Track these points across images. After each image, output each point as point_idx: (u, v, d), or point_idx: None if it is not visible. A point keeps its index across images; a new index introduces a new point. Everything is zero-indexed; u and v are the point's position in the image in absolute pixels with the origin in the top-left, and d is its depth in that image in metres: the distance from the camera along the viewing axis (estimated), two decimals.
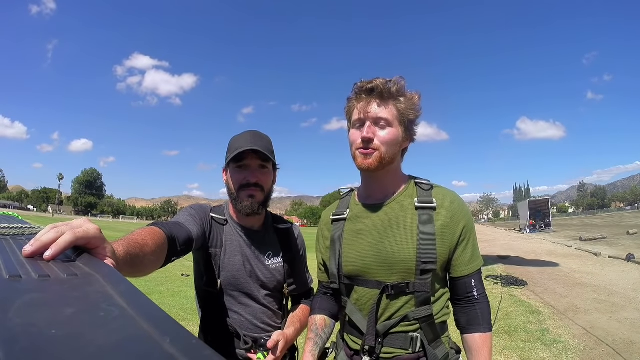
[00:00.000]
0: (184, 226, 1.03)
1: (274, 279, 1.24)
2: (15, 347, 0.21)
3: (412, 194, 1.06)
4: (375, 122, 1.01)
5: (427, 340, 0.97)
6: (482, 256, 1.08)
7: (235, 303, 1.19)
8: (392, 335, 1.00)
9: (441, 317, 1.03)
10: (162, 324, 0.26)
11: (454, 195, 1.06)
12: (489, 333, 1.01)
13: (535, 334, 4.12)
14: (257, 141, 1.18)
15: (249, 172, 1.18)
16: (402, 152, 1.10)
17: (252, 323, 1.20)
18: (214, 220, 1.21)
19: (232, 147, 1.19)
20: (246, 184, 1.18)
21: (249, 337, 1.16)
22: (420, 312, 0.98)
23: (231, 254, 1.19)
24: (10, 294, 0.31)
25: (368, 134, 0.99)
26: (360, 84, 1.03)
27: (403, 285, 0.98)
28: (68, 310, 0.28)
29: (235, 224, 1.24)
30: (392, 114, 1.01)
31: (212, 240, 1.18)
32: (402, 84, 1.02)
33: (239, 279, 1.18)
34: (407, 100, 1.02)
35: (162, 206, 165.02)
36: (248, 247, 1.22)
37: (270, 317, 1.24)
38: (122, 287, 0.34)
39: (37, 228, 0.60)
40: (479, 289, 1.04)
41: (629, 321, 4.58)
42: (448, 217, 1.01)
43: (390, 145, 1.01)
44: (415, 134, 1.07)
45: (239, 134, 1.24)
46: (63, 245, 0.46)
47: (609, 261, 9.55)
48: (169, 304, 5.21)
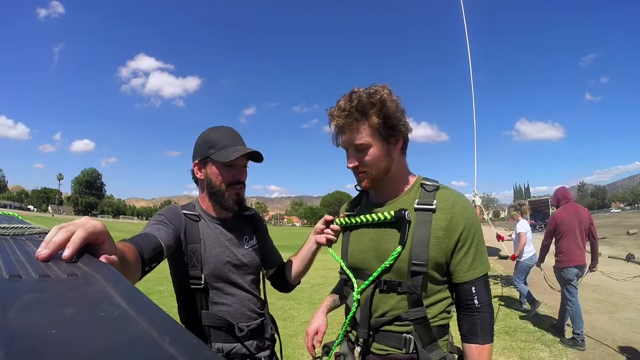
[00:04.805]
0: (151, 236, 1.02)
1: (255, 261, 1.30)
2: (15, 347, 0.21)
3: (415, 195, 1.06)
4: (356, 148, 1.02)
5: (421, 342, 0.97)
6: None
7: (222, 294, 1.20)
8: (385, 332, 1.01)
9: (439, 321, 1.01)
10: (162, 324, 0.26)
11: (457, 197, 1.03)
12: (487, 345, 0.98)
13: (535, 334, 4.12)
14: (242, 141, 1.23)
15: (237, 170, 1.21)
16: (402, 150, 1.08)
17: (239, 312, 1.22)
18: (187, 218, 1.21)
19: (218, 143, 1.19)
20: (235, 182, 1.21)
21: (243, 325, 1.19)
22: (413, 314, 0.98)
23: (211, 247, 1.20)
24: (10, 294, 0.31)
25: (351, 165, 1.05)
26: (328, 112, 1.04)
27: (395, 283, 0.99)
28: (68, 310, 0.28)
29: (210, 218, 1.26)
30: (367, 136, 1.00)
31: (190, 237, 1.18)
32: (362, 97, 0.97)
33: (223, 269, 1.20)
34: (376, 111, 0.97)
35: (161, 206, 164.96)
36: (226, 237, 1.25)
37: (255, 304, 1.27)
38: (122, 287, 0.34)
39: (37, 228, 0.60)
40: (481, 297, 1.00)
41: (629, 321, 4.59)
42: (447, 220, 0.99)
43: (376, 163, 1.02)
44: (403, 130, 1.03)
45: (216, 129, 1.24)
46: (79, 242, 0.46)
47: (609, 261, 9.55)
48: (169, 304, 5.19)
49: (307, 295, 6.13)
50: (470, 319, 1.00)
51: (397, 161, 1.06)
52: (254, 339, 1.22)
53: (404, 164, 1.11)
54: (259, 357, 1.22)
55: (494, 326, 1.01)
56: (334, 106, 1.03)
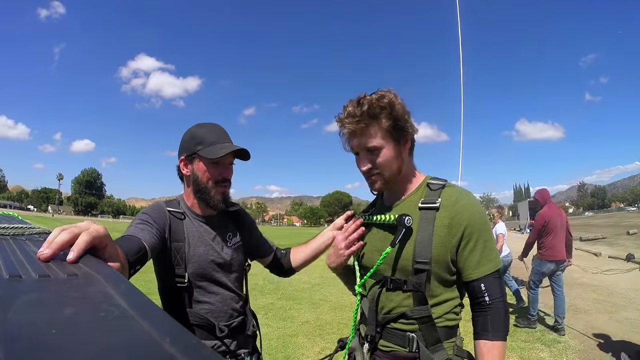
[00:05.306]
0: (135, 239, 1.01)
1: (238, 258, 1.29)
2: (15, 347, 0.21)
3: (420, 194, 1.07)
4: (368, 151, 1.03)
5: (424, 342, 0.98)
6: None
7: (205, 293, 1.20)
8: (390, 330, 1.03)
9: (445, 322, 1.00)
10: (162, 324, 0.26)
11: (461, 194, 1.02)
12: (498, 342, 0.94)
13: (535, 334, 4.12)
14: (229, 138, 1.22)
15: (224, 168, 1.20)
16: (410, 151, 1.09)
17: (222, 310, 1.22)
18: (172, 215, 1.20)
19: (206, 140, 1.17)
20: (222, 179, 1.20)
21: (222, 325, 1.19)
22: (418, 312, 0.99)
23: (195, 246, 1.20)
24: (10, 294, 0.31)
25: (365, 168, 1.05)
26: (338, 119, 1.05)
27: (400, 282, 1.01)
28: (68, 310, 0.28)
29: (195, 215, 1.25)
30: (379, 137, 1.01)
31: (174, 235, 1.17)
32: (375, 101, 0.99)
33: (206, 268, 1.20)
34: (387, 114, 0.99)
35: None
36: (210, 235, 1.24)
37: (237, 302, 1.27)
38: (122, 287, 0.34)
39: (37, 228, 0.60)
40: (493, 293, 0.97)
41: (629, 321, 4.59)
42: (449, 218, 0.99)
43: (389, 164, 1.03)
44: (410, 131, 1.05)
45: (204, 126, 1.22)
46: (83, 246, 0.47)
47: (609, 261, 9.55)
48: None
49: (307, 295, 6.14)
50: (482, 316, 0.98)
51: (406, 161, 1.08)
52: (235, 337, 1.23)
53: (412, 164, 1.12)
54: (239, 353, 1.23)
55: (508, 325, 0.98)
56: (342, 113, 1.04)
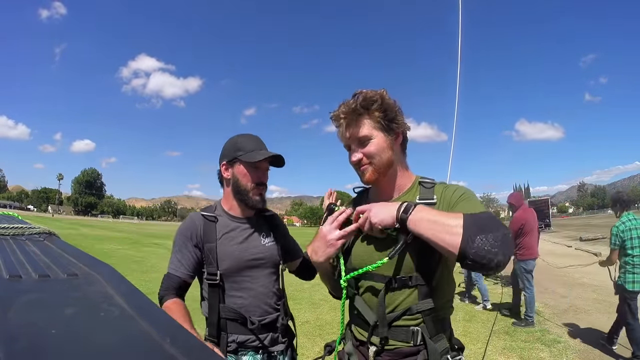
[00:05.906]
0: (174, 277, 1.24)
1: (272, 256, 1.38)
2: (15, 347, 0.21)
3: (415, 193, 1.09)
4: (359, 142, 1.06)
5: (428, 334, 0.99)
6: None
7: (238, 289, 1.29)
8: (395, 328, 1.02)
9: (444, 313, 1.04)
10: (162, 324, 0.26)
11: (450, 185, 1.08)
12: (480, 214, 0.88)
13: (535, 334, 4.12)
14: (266, 147, 1.37)
15: (262, 172, 1.35)
16: (401, 148, 1.11)
17: (255, 305, 1.29)
18: (206, 219, 1.33)
19: (246, 147, 1.32)
20: (260, 183, 1.34)
21: (255, 319, 1.26)
22: (422, 305, 1.00)
23: (227, 245, 1.30)
24: (10, 293, 0.31)
25: (355, 158, 1.07)
26: (333, 114, 1.09)
27: (406, 279, 1.01)
28: (68, 310, 0.28)
29: (231, 217, 1.37)
30: (370, 127, 1.05)
31: (205, 236, 1.29)
32: (368, 94, 1.04)
33: (239, 265, 1.29)
34: (378, 105, 1.04)
35: (161, 206, 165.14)
36: (244, 234, 1.35)
37: (270, 298, 1.34)
38: (122, 287, 0.34)
39: (37, 228, 0.60)
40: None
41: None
42: (445, 207, 1.01)
43: (379, 153, 1.05)
44: (401, 126, 1.08)
45: (245, 136, 1.38)
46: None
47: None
48: None
49: (307, 295, 6.14)
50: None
51: (398, 157, 1.09)
52: (268, 333, 1.30)
53: (405, 162, 1.13)
54: (272, 350, 1.30)
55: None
56: (336, 109, 1.08)
